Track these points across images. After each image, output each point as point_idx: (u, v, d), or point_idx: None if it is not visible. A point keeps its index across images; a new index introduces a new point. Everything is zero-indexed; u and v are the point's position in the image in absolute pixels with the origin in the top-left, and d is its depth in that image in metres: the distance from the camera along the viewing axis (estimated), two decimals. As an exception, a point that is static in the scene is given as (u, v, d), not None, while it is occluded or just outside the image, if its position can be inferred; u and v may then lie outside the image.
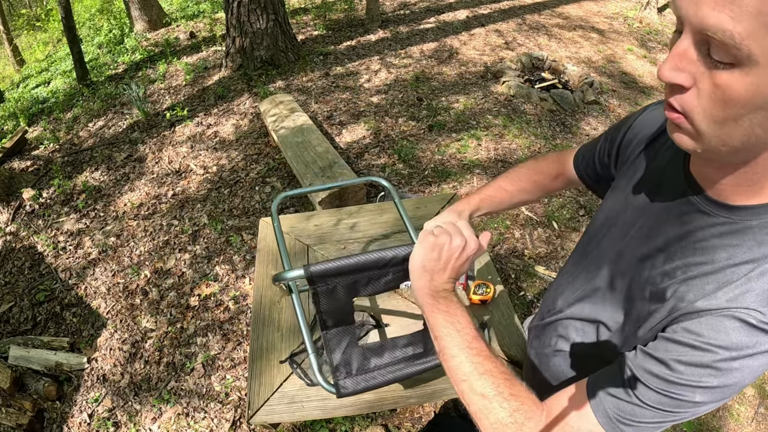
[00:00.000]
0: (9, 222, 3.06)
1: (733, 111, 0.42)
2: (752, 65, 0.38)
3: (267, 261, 1.47)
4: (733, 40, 0.38)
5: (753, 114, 0.41)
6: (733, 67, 0.40)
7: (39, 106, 4.77)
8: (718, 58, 0.40)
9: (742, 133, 0.43)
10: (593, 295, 0.74)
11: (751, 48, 0.37)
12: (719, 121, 0.43)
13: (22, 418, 1.87)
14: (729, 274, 0.51)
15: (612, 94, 4.13)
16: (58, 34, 8.91)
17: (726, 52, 0.39)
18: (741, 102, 0.40)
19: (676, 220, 0.59)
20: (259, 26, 4.31)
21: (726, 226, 0.53)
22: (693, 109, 0.45)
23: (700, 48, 0.42)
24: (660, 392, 0.51)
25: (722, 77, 0.41)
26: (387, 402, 1.11)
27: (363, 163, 3.22)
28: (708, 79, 0.42)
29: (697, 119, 0.45)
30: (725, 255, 0.52)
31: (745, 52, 0.38)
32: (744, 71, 0.39)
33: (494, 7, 5.99)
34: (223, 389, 2.01)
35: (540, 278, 2.41)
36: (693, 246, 0.56)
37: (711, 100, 0.43)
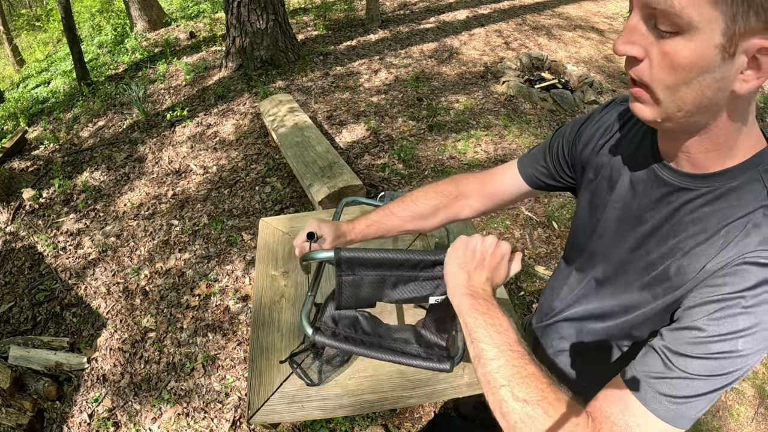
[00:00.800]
0: (9, 222, 3.06)
1: (682, 75, 0.45)
2: (694, 31, 0.42)
3: (267, 261, 1.47)
4: (674, 8, 0.42)
5: (701, 77, 0.44)
6: (677, 35, 0.43)
7: (39, 106, 4.78)
8: (663, 28, 0.44)
9: (693, 96, 0.46)
10: (590, 292, 0.74)
11: (692, 15, 0.41)
12: (671, 86, 0.47)
13: (22, 418, 1.87)
14: (725, 234, 0.52)
15: (612, 94, 4.13)
16: (58, 34, 8.91)
17: (669, 22, 0.43)
18: (688, 66, 0.44)
19: (659, 203, 0.60)
20: (259, 26, 4.31)
21: (710, 194, 0.54)
22: (647, 77, 0.48)
23: (647, 21, 0.46)
24: (703, 357, 0.48)
25: (669, 45, 0.44)
26: (387, 402, 1.11)
27: (363, 163, 3.22)
28: (657, 48, 0.46)
29: (654, 87, 0.48)
30: (716, 220, 0.53)
31: (686, 19, 0.42)
32: (687, 38, 0.43)
33: (494, 7, 5.99)
34: (223, 389, 2.01)
35: (540, 278, 2.41)
36: (683, 222, 0.57)
37: (661, 68, 0.46)
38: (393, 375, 1.14)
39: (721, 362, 0.48)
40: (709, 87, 0.45)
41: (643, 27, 0.46)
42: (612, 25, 5.67)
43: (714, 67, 0.44)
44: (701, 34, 0.42)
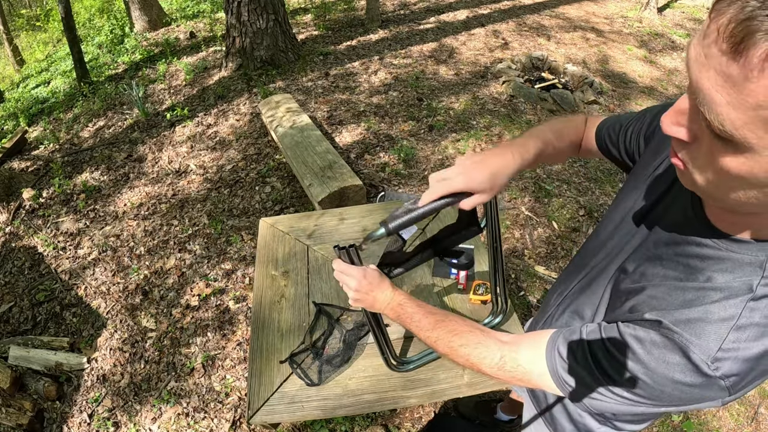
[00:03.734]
0: (9, 222, 3.06)
1: (726, 181, 0.42)
2: (747, 150, 0.38)
3: (267, 261, 1.47)
4: (723, 125, 0.37)
5: (747, 189, 0.41)
6: (729, 143, 0.38)
7: (39, 106, 4.77)
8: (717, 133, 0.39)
9: (734, 200, 0.44)
10: (585, 287, 0.77)
11: (747, 137, 0.36)
12: (713, 183, 0.44)
13: (22, 418, 1.87)
14: (697, 292, 0.52)
15: (612, 94, 4.13)
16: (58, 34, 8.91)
17: (722, 131, 0.38)
18: (734, 177, 0.41)
19: (673, 229, 0.60)
20: (259, 26, 4.31)
21: (714, 250, 0.53)
22: (690, 162, 0.45)
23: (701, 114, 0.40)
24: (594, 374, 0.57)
25: (718, 147, 0.40)
26: (387, 402, 1.11)
27: (363, 163, 3.22)
28: (707, 141, 0.41)
29: (695, 175, 0.46)
30: (702, 278, 0.53)
31: (740, 140, 0.37)
32: (739, 152, 0.38)
33: (494, 7, 5.99)
34: (223, 389, 2.01)
35: (540, 278, 2.41)
36: (675, 258, 0.57)
37: (707, 163, 0.43)
38: (393, 375, 1.14)
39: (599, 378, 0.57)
40: (755, 198, 0.42)
41: (696, 113, 0.41)
42: (612, 25, 5.67)
43: (759, 184, 0.40)
44: (756, 156, 0.37)
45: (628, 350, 0.54)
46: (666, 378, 0.51)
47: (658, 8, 6.00)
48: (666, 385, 0.51)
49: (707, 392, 0.50)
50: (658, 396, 0.52)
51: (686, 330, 0.50)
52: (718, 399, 0.50)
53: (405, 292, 0.85)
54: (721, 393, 0.49)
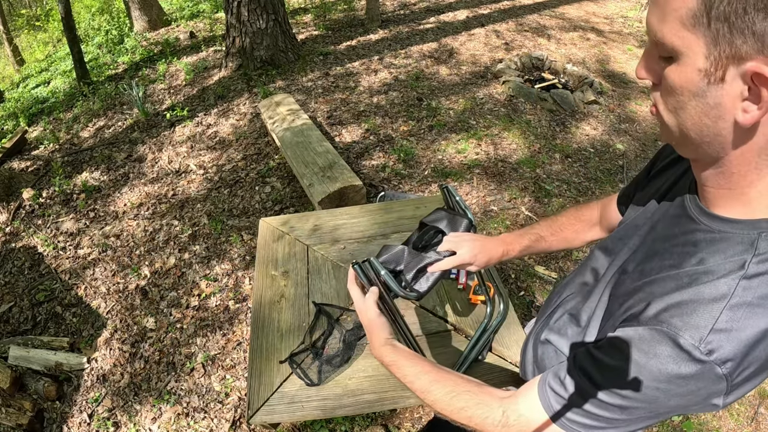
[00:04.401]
0: (9, 222, 3.06)
1: (678, 98, 0.47)
2: (680, 57, 0.45)
3: (267, 261, 1.47)
4: (657, 37, 0.46)
5: (692, 101, 0.46)
6: (671, 61, 0.46)
7: (39, 106, 4.78)
8: (662, 54, 0.47)
9: (692, 122, 0.47)
10: (582, 289, 0.77)
11: (674, 41, 0.44)
12: (671, 109, 0.49)
13: (22, 418, 1.87)
14: (689, 277, 0.51)
15: (612, 94, 4.13)
16: (58, 34, 8.91)
17: (663, 49, 0.46)
18: (678, 89, 0.46)
19: (668, 223, 0.61)
20: (259, 26, 4.31)
21: (704, 233, 0.53)
22: (658, 101, 0.51)
23: (655, 49, 0.49)
24: (593, 396, 0.55)
25: (666, 70, 0.47)
26: (387, 402, 1.11)
27: (363, 163, 3.22)
28: (662, 71, 0.48)
29: (660, 108, 0.51)
30: (694, 261, 0.52)
31: (670, 46, 0.45)
32: (677, 63, 0.45)
33: (494, 7, 5.99)
34: (223, 389, 2.01)
35: (540, 278, 2.41)
36: (671, 249, 0.57)
37: (664, 91, 0.49)
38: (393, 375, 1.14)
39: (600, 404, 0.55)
40: (704, 113, 0.46)
41: (654, 54, 0.49)
42: (612, 25, 5.67)
43: (702, 92, 0.44)
44: (686, 59, 0.44)
45: (617, 352, 0.53)
46: (660, 372, 0.49)
47: (658, 8, 5.99)
48: (662, 381, 0.49)
49: (704, 383, 0.48)
50: (656, 398, 0.51)
51: (676, 316, 0.49)
52: (717, 394, 0.48)
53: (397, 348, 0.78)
54: (719, 383, 0.47)
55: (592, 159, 3.32)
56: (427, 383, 0.72)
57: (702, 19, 0.41)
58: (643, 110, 3.98)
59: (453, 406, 0.69)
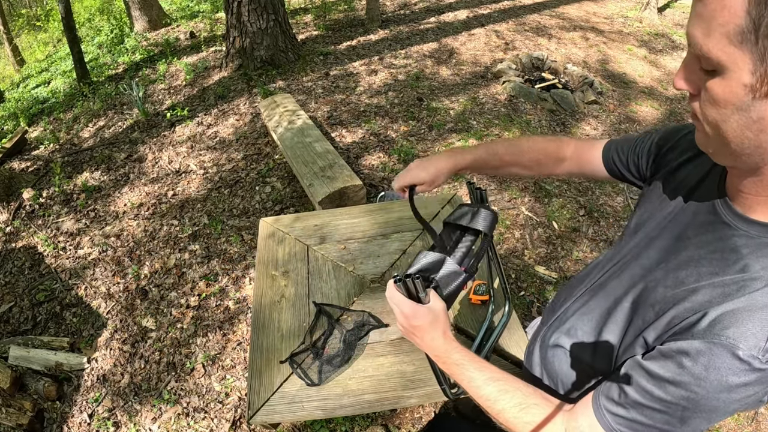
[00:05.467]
0: (9, 222, 3.06)
1: (719, 112, 0.47)
2: (725, 71, 0.45)
3: (267, 261, 1.47)
4: (702, 51, 0.45)
5: (735, 115, 0.46)
6: (714, 74, 0.46)
7: (39, 106, 4.78)
8: (705, 67, 0.47)
9: (733, 134, 0.48)
10: (596, 291, 0.75)
11: (719, 57, 0.44)
12: (713, 122, 0.49)
13: (22, 418, 1.87)
14: (736, 285, 0.51)
15: (612, 94, 4.13)
16: (58, 34, 8.91)
17: (706, 62, 0.46)
18: (722, 103, 0.47)
19: (700, 228, 0.60)
20: (259, 26, 4.31)
21: (744, 239, 0.53)
22: (697, 111, 0.51)
23: (696, 61, 0.48)
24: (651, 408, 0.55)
25: (709, 83, 0.47)
26: (387, 402, 1.11)
27: (363, 163, 3.22)
28: (704, 86, 0.48)
29: (701, 120, 0.51)
30: (737, 267, 0.52)
31: (715, 60, 0.45)
32: (721, 77, 0.45)
33: (494, 7, 5.99)
34: (223, 389, 2.01)
35: (540, 278, 2.41)
36: (708, 256, 0.56)
37: (706, 104, 0.49)
38: (393, 375, 1.14)
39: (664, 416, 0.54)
40: (747, 127, 0.46)
41: (694, 65, 0.49)
42: (612, 25, 5.67)
43: (746, 106, 0.45)
44: (731, 74, 0.44)
45: (674, 366, 0.52)
46: (720, 384, 0.49)
47: (658, 8, 6.00)
48: (722, 391, 0.50)
49: (762, 386, 0.49)
50: (716, 408, 0.51)
51: (731, 326, 0.49)
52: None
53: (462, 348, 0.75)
54: None
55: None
56: (496, 392, 0.69)
57: (750, 36, 0.41)
58: (643, 110, 3.99)
59: (520, 420, 0.68)
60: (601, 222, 2.77)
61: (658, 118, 3.91)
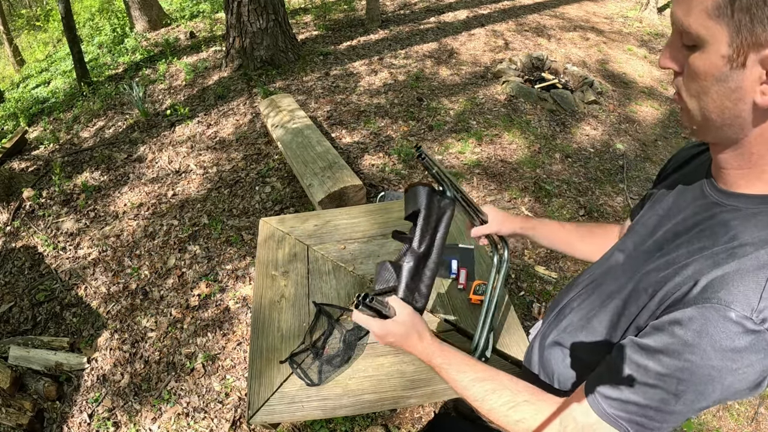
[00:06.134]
0: (9, 222, 3.06)
1: (701, 84, 0.50)
2: (705, 44, 0.48)
3: (267, 261, 1.47)
4: (683, 26, 0.49)
5: (715, 86, 0.49)
6: (695, 49, 0.50)
7: (39, 106, 4.77)
8: (686, 43, 0.51)
9: (714, 105, 0.51)
10: (595, 289, 0.75)
11: (699, 30, 0.48)
12: (694, 94, 0.52)
13: (22, 418, 1.87)
14: (725, 252, 0.52)
15: (612, 94, 4.13)
16: (58, 34, 8.91)
17: (688, 38, 0.50)
18: (702, 75, 0.50)
19: (691, 214, 0.62)
20: (259, 26, 4.31)
21: (733, 212, 0.55)
22: (680, 87, 0.54)
23: (679, 39, 0.52)
24: (647, 384, 0.54)
25: (691, 58, 0.51)
26: (387, 402, 1.11)
27: (363, 163, 3.22)
28: (686, 59, 0.52)
29: (683, 95, 0.54)
30: (726, 238, 0.53)
31: (695, 34, 0.48)
32: (701, 50, 0.49)
33: (494, 7, 5.99)
34: (223, 389, 2.01)
35: (540, 278, 2.41)
36: (698, 234, 0.57)
37: (687, 77, 0.52)
38: (393, 375, 1.14)
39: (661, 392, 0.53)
40: (726, 96, 0.49)
41: (678, 43, 0.52)
42: (612, 25, 5.67)
43: (725, 77, 0.48)
44: (710, 46, 0.47)
45: (666, 336, 0.52)
46: (715, 350, 0.48)
47: (658, 8, 6.00)
48: (716, 358, 0.48)
49: (759, 355, 0.47)
50: (711, 378, 0.49)
51: (722, 289, 0.48)
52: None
53: (444, 349, 0.76)
54: None
55: (592, 159, 3.32)
56: (483, 392, 0.70)
57: (726, 10, 0.45)
58: (643, 110, 3.98)
59: (510, 418, 0.68)
60: (600, 222, 2.77)
61: (658, 118, 3.91)
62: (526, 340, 1.18)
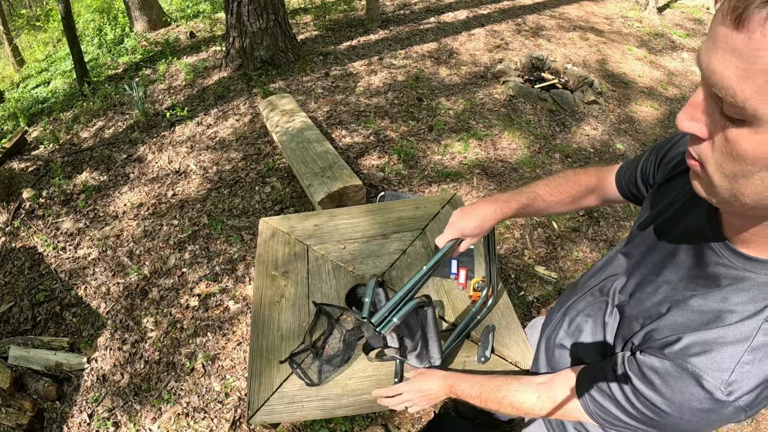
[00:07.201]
0: (9, 222, 3.06)
1: (742, 167, 0.41)
2: (760, 124, 0.37)
3: (267, 261, 1.47)
4: (735, 98, 0.37)
5: (762, 172, 0.40)
6: (743, 124, 0.39)
7: (39, 106, 4.78)
8: (729, 114, 0.39)
9: (752, 191, 0.42)
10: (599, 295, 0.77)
11: (757, 107, 0.36)
12: (730, 175, 0.43)
13: (22, 418, 1.87)
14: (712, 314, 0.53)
15: (612, 94, 4.13)
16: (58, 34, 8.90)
17: (735, 110, 0.38)
18: (749, 159, 0.40)
19: (690, 249, 0.60)
20: (259, 26, 4.31)
21: (728, 269, 0.53)
22: (707, 159, 0.44)
23: (715, 102, 0.41)
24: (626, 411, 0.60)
25: (733, 133, 0.40)
26: (387, 402, 1.11)
27: (363, 163, 3.22)
28: (722, 132, 0.41)
29: (710, 170, 0.44)
30: (719, 297, 0.53)
31: (751, 112, 0.37)
32: (753, 129, 0.38)
33: (494, 7, 5.99)
34: (223, 389, 2.01)
35: (540, 278, 2.41)
36: (695, 280, 0.57)
37: (722, 154, 0.42)
38: (393, 375, 1.14)
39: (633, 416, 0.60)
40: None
41: (710, 106, 0.42)
42: (612, 25, 5.67)
43: None
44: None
45: (647, 382, 0.56)
46: (684, 406, 0.53)
47: (658, 8, 6.00)
48: (685, 412, 0.53)
49: (723, 415, 0.51)
50: (678, 424, 0.55)
51: (701, 354, 0.51)
52: (735, 420, 0.52)
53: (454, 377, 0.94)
54: (737, 414, 0.50)
55: (592, 159, 3.32)
56: (479, 390, 0.85)
57: None
58: (643, 110, 3.99)
59: (497, 397, 0.80)
60: (600, 222, 2.77)
61: (657, 118, 3.91)
62: (526, 340, 1.19)
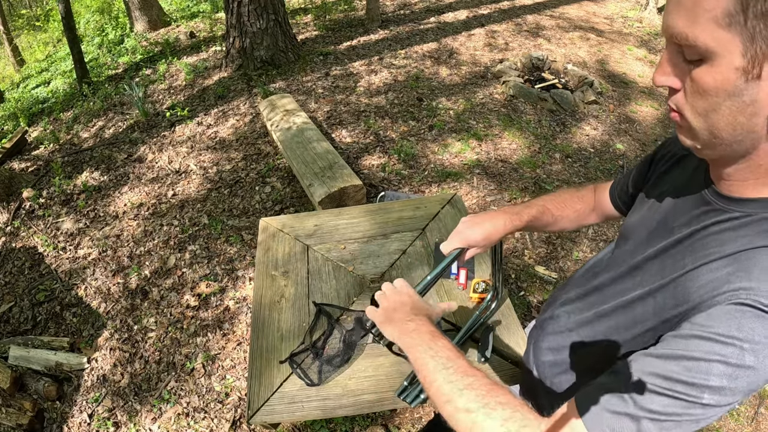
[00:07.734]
0: (9, 222, 3.06)
1: (710, 100, 0.46)
2: (714, 57, 0.44)
3: (267, 261, 1.47)
4: (687, 40, 0.44)
5: (728, 101, 0.45)
6: (701, 63, 0.45)
7: (39, 106, 4.78)
8: (689, 58, 0.46)
9: (725, 122, 0.47)
10: (589, 295, 0.75)
11: (707, 42, 0.43)
12: (702, 112, 0.48)
13: (22, 418, 1.87)
14: (739, 260, 0.50)
15: (612, 94, 4.13)
16: (58, 34, 8.90)
17: (692, 51, 0.45)
18: (713, 91, 0.45)
19: (692, 220, 0.59)
20: (259, 26, 4.31)
21: (740, 219, 0.53)
22: (683, 106, 0.50)
23: (678, 53, 0.48)
24: (665, 394, 0.47)
25: (696, 73, 0.46)
26: (387, 402, 1.11)
27: (363, 163, 3.22)
28: (689, 77, 0.47)
29: (687, 114, 0.50)
30: (737, 245, 0.51)
31: (703, 47, 0.44)
32: (709, 64, 0.44)
33: (494, 7, 5.99)
34: (223, 389, 2.01)
35: (540, 278, 2.41)
36: (704, 240, 0.55)
37: (692, 95, 0.48)
38: (393, 375, 1.14)
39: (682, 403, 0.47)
40: (739, 112, 0.45)
41: (677, 58, 0.48)
42: (612, 25, 5.67)
43: (740, 91, 0.44)
44: (721, 59, 0.43)
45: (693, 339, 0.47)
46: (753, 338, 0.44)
47: (658, 8, 6.00)
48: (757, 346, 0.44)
49: None
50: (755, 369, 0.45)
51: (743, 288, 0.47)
52: None
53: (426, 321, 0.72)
54: None
55: (592, 159, 3.32)
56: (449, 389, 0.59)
57: (738, 18, 0.41)
58: (643, 110, 3.98)
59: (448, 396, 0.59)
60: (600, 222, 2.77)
61: (657, 118, 3.91)
62: (526, 340, 1.18)
